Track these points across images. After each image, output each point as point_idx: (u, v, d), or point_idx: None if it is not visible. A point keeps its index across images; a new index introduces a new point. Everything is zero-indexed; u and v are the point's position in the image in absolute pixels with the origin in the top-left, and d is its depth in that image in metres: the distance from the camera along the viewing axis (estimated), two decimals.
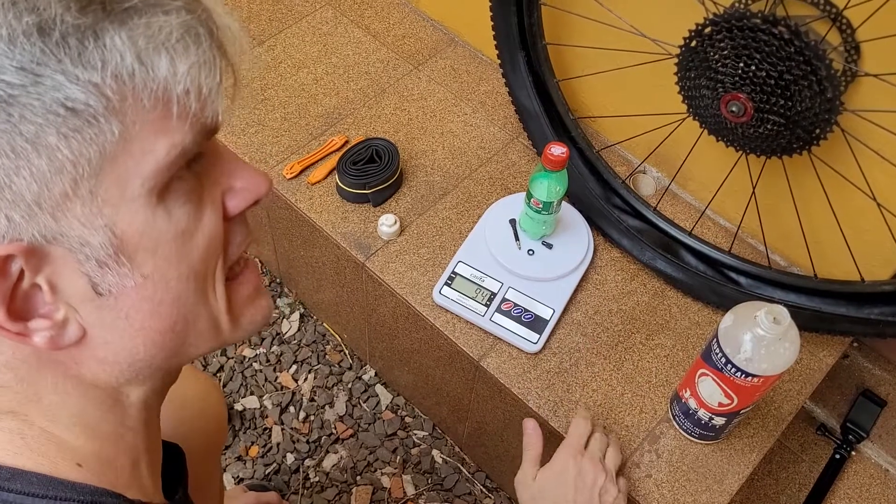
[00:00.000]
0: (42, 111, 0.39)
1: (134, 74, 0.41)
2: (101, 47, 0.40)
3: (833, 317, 1.14)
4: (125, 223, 0.44)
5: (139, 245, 0.45)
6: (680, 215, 1.33)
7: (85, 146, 0.41)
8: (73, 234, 0.43)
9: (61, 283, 0.45)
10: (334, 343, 1.62)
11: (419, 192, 1.34)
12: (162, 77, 0.42)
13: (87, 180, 0.42)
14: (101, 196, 0.43)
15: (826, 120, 0.97)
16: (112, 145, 0.42)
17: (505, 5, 1.23)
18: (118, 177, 0.43)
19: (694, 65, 1.03)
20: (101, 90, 0.40)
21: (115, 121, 0.41)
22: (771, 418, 1.15)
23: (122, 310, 0.47)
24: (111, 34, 0.40)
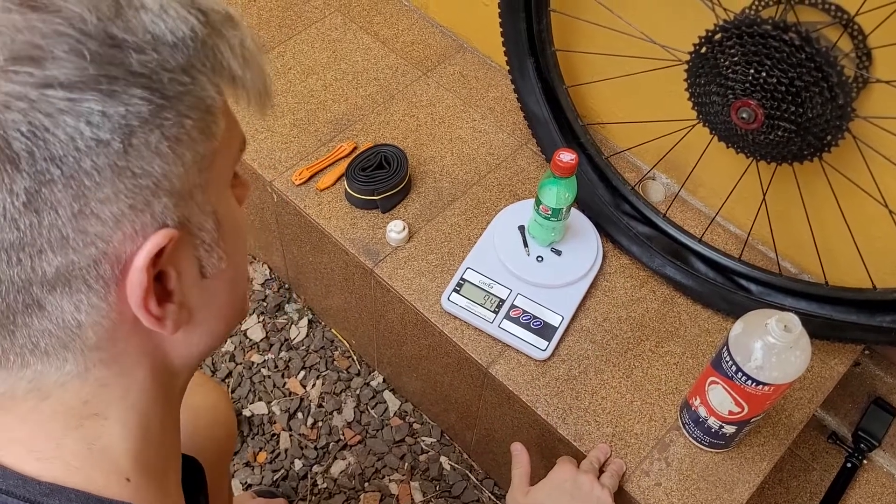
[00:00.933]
0: (195, 108, 0.44)
1: (237, 79, 0.46)
2: (219, 53, 0.45)
3: (844, 324, 1.13)
4: (222, 209, 0.49)
5: (227, 229, 0.50)
6: (689, 222, 1.32)
7: (210, 141, 0.46)
8: (195, 219, 0.47)
9: (183, 267, 0.48)
10: (342, 349, 1.62)
11: (428, 199, 1.34)
12: (249, 80, 0.47)
13: (206, 171, 0.46)
14: (211, 184, 0.47)
15: (837, 126, 0.96)
16: (220, 140, 0.47)
17: (514, 12, 1.23)
18: (220, 167, 0.48)
19: (704, 71, 1.03)
20: (221, 92, 0.46)
21: (223, 119, 0.47)
22: (782, 427, 1.15)
23: (215, 290, 0.51)
24: (222, 43, 0.45)
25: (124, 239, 0.43)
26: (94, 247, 0.42)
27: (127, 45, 0.40)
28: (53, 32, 0.38)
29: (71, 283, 0.43)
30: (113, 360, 0.48)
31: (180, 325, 0.49)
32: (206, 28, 0.44)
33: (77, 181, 0.40)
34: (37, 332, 0.44)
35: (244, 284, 0.56)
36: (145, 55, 0.41)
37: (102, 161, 0.40)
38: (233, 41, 0.46)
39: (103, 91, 0.39)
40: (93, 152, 0.40)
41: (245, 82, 0.47)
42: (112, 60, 0.40)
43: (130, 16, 0.41)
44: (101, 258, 0.43)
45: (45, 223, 0.40)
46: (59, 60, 0.38)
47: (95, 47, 0.39)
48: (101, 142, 0.40)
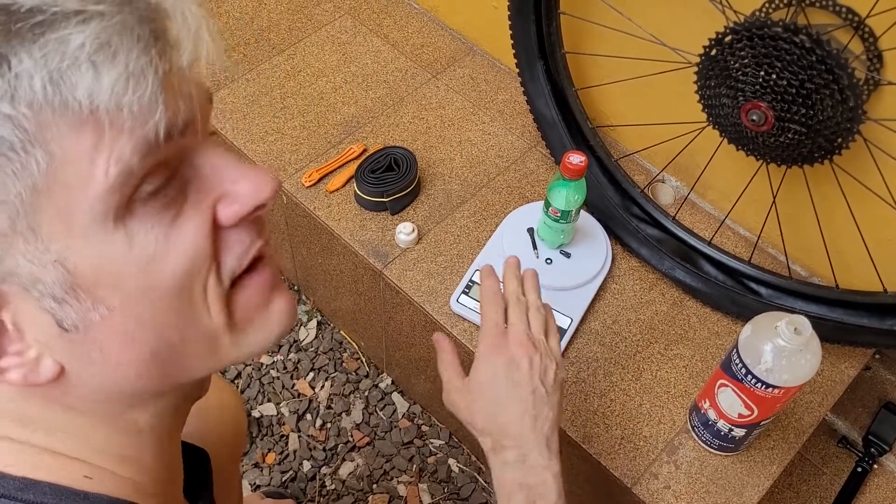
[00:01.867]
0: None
1: (49, 98, 0.37)
2: (6, 74, 0.36)
3: (855, 328, 1.13)
4: (78, 257, 0.41)
5: (97, 278, 0.42)
6: (699, 224, 1.32)
7: (11, 182, 0.37)
8: (22, 272, 0.41)
9: (25, 321, 0.43)
10: (351, 351, 1.62)
11: (437, 201, 1.34)
12: (84, 95, 0.37)
13: (24, 217, 0.39)
14: (44, 231, 0.40)
15: (848, 129, 0.96)
16: (43, 177, 0.38)
17: (524, 15, 1.23)
18: (59, 209, 0.39)
19: (714, 73, 1.03)
20: (16, 121, 0.36)
21: (40, 151, 0.37)
22: (791, 430, 1.14)
23: (95, 343, 0.45)
24: (18, 57, 0.36)
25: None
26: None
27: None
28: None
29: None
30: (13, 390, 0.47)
31: (38, 380, 0.45)
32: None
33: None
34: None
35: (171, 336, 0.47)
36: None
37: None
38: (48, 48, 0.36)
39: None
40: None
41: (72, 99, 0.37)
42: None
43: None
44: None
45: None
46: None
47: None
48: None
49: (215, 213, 0.46)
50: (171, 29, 0.41)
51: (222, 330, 0.49)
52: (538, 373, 0.83)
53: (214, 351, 0.50)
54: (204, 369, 0.51)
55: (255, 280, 0.51)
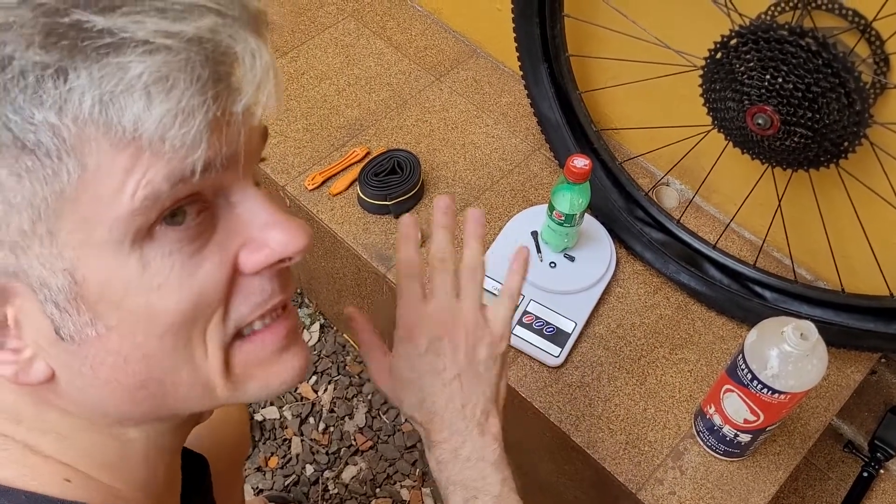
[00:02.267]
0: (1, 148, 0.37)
1: (95, 116, 0.38)
2: (60, 86, 0.37)
3: (861, 332, 1.12)
4: (88, 269, 0.41)
5: (102, 295, 0.42)
6: (704, 228, 1.32)
7: (39, 185, 0.38)
8: (33, 273, 0.41)
9: (25, 320, 0.43)
10: (354, 354, 1.62)
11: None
12: (130, 121, 0.38)
13: (45, 221, 0.39)
14: (61, 238, 0.40)
15: (854, 133, 0.95)
16: (72, 186, 0.39)
17: (527, 17, 1.23)
18: (82, 219, 0.40)
19: (719, 77, 1.02)
20: (57, 130, 0.38)
21: (74, 161, 0.38)
22: (797, 435, 1.14)
23: (87, 358, 0.45)
24: (77, 73, 0.37)
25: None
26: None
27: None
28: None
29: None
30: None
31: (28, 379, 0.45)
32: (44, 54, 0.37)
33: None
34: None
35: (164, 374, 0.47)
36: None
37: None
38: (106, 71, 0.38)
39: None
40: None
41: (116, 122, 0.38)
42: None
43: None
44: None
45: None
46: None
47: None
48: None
49: (237, 257, 0.46)
50: (236, 72, 0.41)
51: (217, 377, 0.48)
52: (464, 351, 0.71)
53: (207, 394, 0.49)
54: (196, 407, 0.50)
55: (265, 336, 0.50)
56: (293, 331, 0.52)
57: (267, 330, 0.50)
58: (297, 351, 0.52)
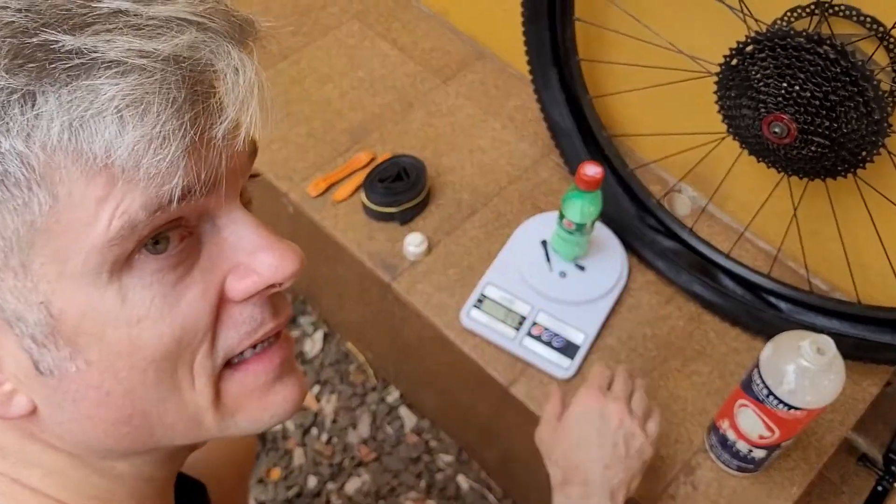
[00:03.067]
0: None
1: (64, 143, 0.36)
2: (27, 112, 0.35)
3: (878, 345, 1.10)
4: (64, 302, 0.40)
5: (80, 328, 0.41)
6: (717, 237, 1.29)
7: (10, 217, 0.37)
8: (7, 307, 0.40)
9: (4, 354, 0.42)
10: (358, 363, 1.60)
11: (447, 211, 1.31)
12: (101, 148, 0.36)
13: (18, 253, 0.38)
14: (35, 271, 0.39)
15: (873, 142, 0.93)
16: (44, 217, 0.37)
17: (537, 21, 1.21)
18: (55, 251, 0.38)
19: (735, 84, 1.00)
20: (26, 159, 0.36)
21: (44, 191, 0.37)
22: (812, 450, 1.11)
23: (68, 393, 0.43)
24: (45, 97, 0.35)
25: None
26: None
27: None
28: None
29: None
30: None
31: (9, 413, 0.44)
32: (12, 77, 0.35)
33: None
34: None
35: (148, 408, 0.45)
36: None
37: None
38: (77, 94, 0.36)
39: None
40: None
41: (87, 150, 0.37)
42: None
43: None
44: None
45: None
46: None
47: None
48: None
49: (224, 283, 0.44)
50: (218, 91, 0.39)
51: (206, 408, 0.46)
52: (624, 434, 0.90)
53: (195, 427, 0.47)
54: (184, 440, 0.48)
55: (256, 365, 0.48)
56: (287, 360, 0.49)
57: (258, 358, 0.48)
58: (292, 382, 0.50)
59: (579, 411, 0.93)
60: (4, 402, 0.43)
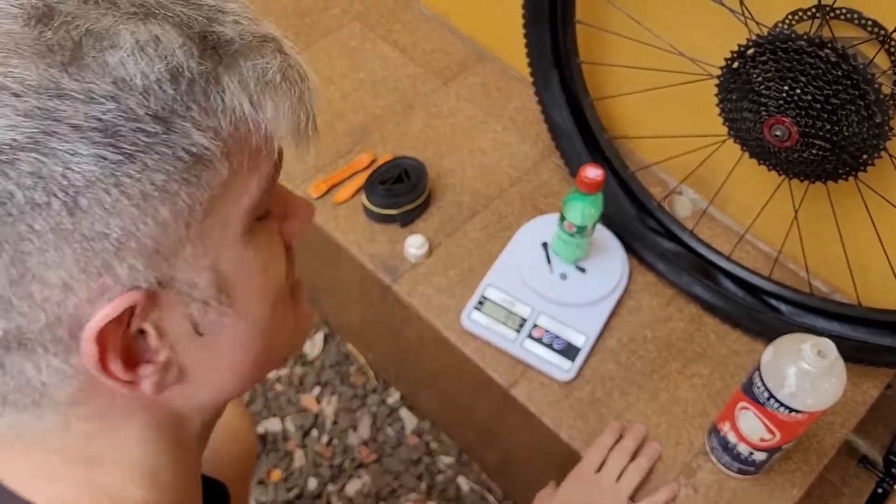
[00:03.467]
0: (171, 158, 0.39)
1: (247, 118, 0.42)
2: (220, 93, 0.40)
3: (878, 348, 1.10)
4: (225, 262, 0.45)
5: (236, 282, 0.46)
6: (718, 239, 1.29)
7: (200, 191, 0.41)
8: (183, 276, 0.43)
9: (167, 326, 0.44)
10: (358, 365, 1.60)
11: (448, 213, 1.31)
12: (269, 118, 0.42)
13: (198, 223, 0.42)
14: (207, 237, 0.43)
15: (874, 145, 0.93)
16: (219, 188, 0.42)
17: (538, 23, 1.21)
18: (222, 217, 0.43)
19: (736, 87, 1.00)
20: (220, 135, 0.41)
21: (226, 164, 0.42)
22: (813, 452, 1.12)
23: (218, 347, 0.47)
24: (227, 79, 0.41)
25: (80, 303, 0.40)
26: (42, 312, 0.39)
27: (74, 96, 0.37)
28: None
29: (26, 345, 0.40)
30: (98, 415, 0.46)
31: (165, 386, 0.46)
32: (203, 63, 0.40)
33: (12, 245, 0.37)
34: (1, 387, 0.42)
35: (272, 338, 0.51)
36: (98, 105, 0.37)
37: (41, 224, 0.37)
38: (246, 74, 0.41)
39: (39, 150, 0.36)
40: (28, 216, 0.37)
41: (261, 118, 0.42)
42: (52, 115, 0.36)
43: (90, 60, 0.37)
44: (54, 323, 0.40)
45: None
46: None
47: (34, 102, 0.36)
48: (37, 205, 0.37)
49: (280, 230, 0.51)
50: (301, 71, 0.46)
51: (293, 328, 0.54)
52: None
53: (282, 355, 0.55)
54: (270, 370, 0.56)
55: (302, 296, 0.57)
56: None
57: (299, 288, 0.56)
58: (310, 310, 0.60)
59: (569, 488, 1.04)
60: (162, 377, 0.46)
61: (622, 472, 1.06)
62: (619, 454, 1.07)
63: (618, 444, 1.08)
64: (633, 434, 1.10)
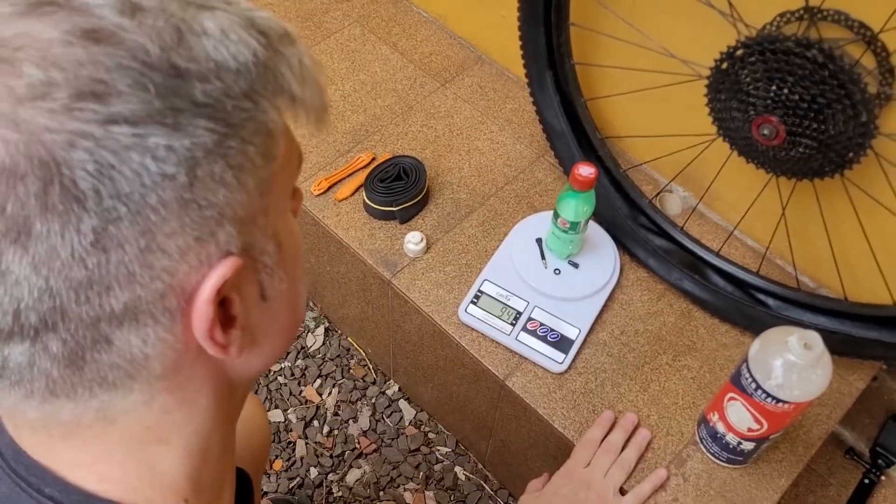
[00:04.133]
0: (258, 133, 0.43)
1: (296, 98, 0.45)
2: (280, 75, 0.44)
3: (864, 341, 1.13)
4: (282, 230, 0.49)
5: (287, 250, 0.50)
6: (707, 235, 1.32)
7: (272, 164, 0.45)
8: (258, 244, 0.46)
9: (246, 292, 0.47)
10: (359, 358, 1.63)
11: (445, 210, 1.34)
12: (307, 99, 0.46)
13: (268, 194, 0.45)
14: (272, 207, 0.46)
15: (860, 144, 0.95)
16: (279, 161, 0.46)
17: (533, 25, 1.23)
18: (280, 188, 0.47)
19: (725, 87, 1.03)
20: (281, 113, 0.45)
21: (284, 140, 0.46)
22: (800, 443, 1.14)
23: (276, 311, 0.51)
24: (281, 63, 0.44)
25: (189, 270, 0.42)
26: (160, 281, 0.41)
27: (190, 74, 0.40)
28: (116, 66, 0.38)
29: (138, 317, 0.42)
30: (177, 387, 0.48)
31: (244, 349, 0.48)
32: (268, 50, 0.43)
33: (144, 217, 0.39)
34: (105, 366, 0.43)
35: (302, 300, 0.56)
36: (209, 83, 0.40)
37: (168, 195, 0.39)
38: (292, 60, 0.45)
39: (168, 124, 0.39)
40: (158, 187, 0.39)
41: (304, 101, 0.46)
42: (177, 92, 0.39)
43: (193, 43, 0.40)
44: (167, 291, 0.42)
45: (112, 261, 0.39)
46: (123, 95, 0.38)
47: (160, 79, 0.39)
48: (166, 176, 0.39)
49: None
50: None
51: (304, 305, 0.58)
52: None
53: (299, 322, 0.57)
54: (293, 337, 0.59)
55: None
56: None
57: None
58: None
59: (556, 485, 1.06)
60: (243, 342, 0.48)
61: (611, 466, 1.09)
62: (607, 450, 1.09)
63: (607, 437, 1.11)
64: (623, 426, 1.12)
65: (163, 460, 0.50)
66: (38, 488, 0.48)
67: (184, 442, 0.50)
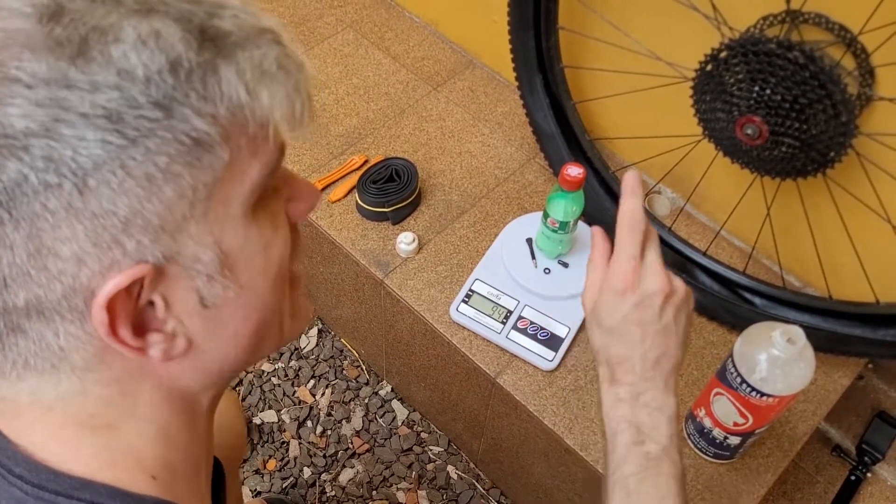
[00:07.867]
0: (173, 142, 0.42)
1: (243, 105, 0.44)
2: (218, 81, 0.43)
3: (848, 338, 1.14)
4: (229, 239, 0.48)
5: (238, 258, 0.49)
6: (695, 236, 1.34)
7: (202, 172, 0.44)
8: (187, 252, 0.46)
9: (174, 298, 0.47)
10: (352, 358, 1.64)
11: (437, 211, 1.36)
12: (265, 105, 0.45)
13: (202, 202, 0.45)
14: (211, 216, 0.46)
15: (841, 143, 0.97)
16: (221, 170, 0.45)
17: (523, 29, 1.25)
18: (224, 197, 0.46)
19: (709, 88, 1.04)
20: (218, 121, 0.44)
21: (226, 148, 0.45)
22: (786, 438, 1.16)
23: (222, 319, 0.51)
24: (224, 69, 0.43)
25: (93, 275, 0.44)
26: (58, 282, 0.43)
27: (80, 86, 0.40)
28: (4, 79, 0.39)
29: (44, 313, 0.44)
30: (113, 381, 0.50)
31: (173, 355, 0.50)
32: (201, 54, 0.43)
33: (28, 222, 0.41)
34: (24, 351, 0.46)
35: (272, 313, 0.54)
36: (103, 94, 0.40)
37: (54, 203, 0.41)
38: (243, 64, 0.44)
39: (50, 136, 0.40)
40: (41, 195, 0.40)
41: (260, 108, 0.45)
42: (62, 104, 0.40)
43: (96, 53, 0.40)
44: (69, 293, 0.44)
45: (3, 261, 0.42)
46: (4, 107, 0.39)
47: (45, 92, 0.40)
48: (49, 185, 0.40)
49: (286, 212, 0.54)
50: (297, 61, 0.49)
51: (288, 315, 0.57)
52: (672, 312, 0.75)
53: (281, 333, 0.57)
54: (271, 348, 0.58)
55: (301, 281, 0.59)
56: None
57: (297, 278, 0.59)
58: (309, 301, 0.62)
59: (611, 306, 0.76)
60: (170, 345, 0.49)
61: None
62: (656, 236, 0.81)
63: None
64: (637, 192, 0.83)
65: (118, 441, 0.51)
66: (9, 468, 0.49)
67: (135, 428, 0.52)
